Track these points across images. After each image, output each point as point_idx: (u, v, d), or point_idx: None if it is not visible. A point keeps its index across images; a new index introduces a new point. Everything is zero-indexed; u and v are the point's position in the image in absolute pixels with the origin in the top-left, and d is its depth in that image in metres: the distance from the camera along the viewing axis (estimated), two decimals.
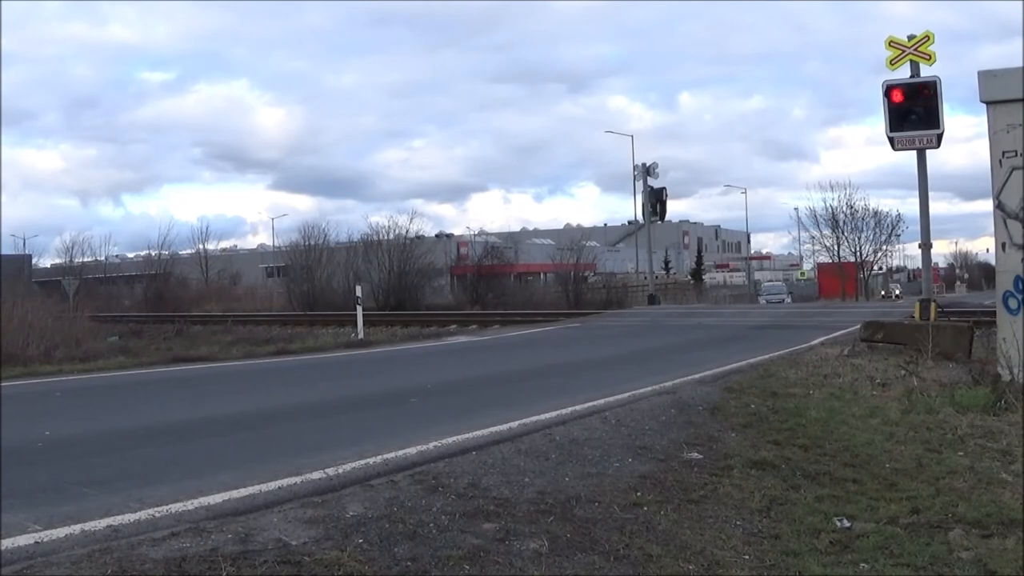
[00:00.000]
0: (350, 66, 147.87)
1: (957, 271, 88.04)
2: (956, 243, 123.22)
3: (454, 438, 5.89)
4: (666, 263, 67.98)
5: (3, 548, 3.56)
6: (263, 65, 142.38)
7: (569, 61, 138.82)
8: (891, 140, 11.91)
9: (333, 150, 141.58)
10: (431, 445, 5.66)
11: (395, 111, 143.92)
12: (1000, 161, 7.95)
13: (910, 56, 11.78)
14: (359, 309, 18.87)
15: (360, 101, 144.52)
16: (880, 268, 52.02)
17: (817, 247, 47.91)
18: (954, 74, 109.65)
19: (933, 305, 12.02)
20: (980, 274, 78.39)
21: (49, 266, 54.76)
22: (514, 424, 6.41)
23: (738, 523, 4.19)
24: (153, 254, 49.50)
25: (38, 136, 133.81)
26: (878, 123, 43.90)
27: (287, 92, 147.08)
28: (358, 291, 20.15)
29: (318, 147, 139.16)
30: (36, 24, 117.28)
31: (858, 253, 44.93)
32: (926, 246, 13.11)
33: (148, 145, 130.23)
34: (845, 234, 44.66)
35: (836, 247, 45.57)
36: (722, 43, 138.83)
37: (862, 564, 3.69)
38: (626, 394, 7.76)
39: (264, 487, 4.61)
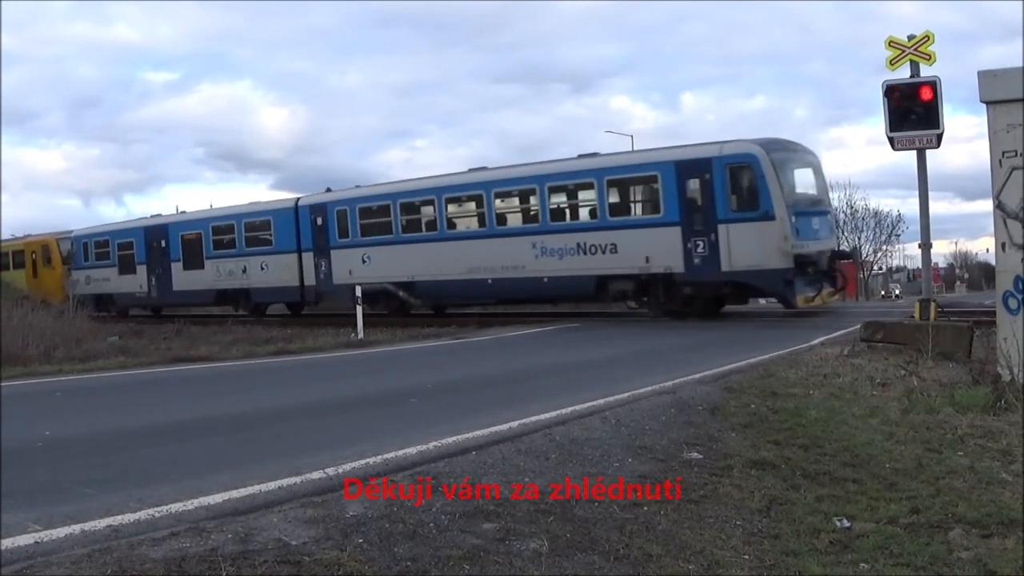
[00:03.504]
0: (354, 66, 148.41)
1: (957, 271, 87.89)
2: (956, 243, 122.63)
3: (454, 438, 5.90)
4: None
5: (3, 548, 3.56)
6: (267, 65, 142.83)
7: (573, 61, 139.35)
8: (891, 140, 11.89)
9: (336, 150, 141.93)
10: (431, 445, 5.66)
11: (398, 111, 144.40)
12: (1000, 161, 7.94)
13: (910, 56, 11.76)
14: (359, 309, 18.84)
15: (363, 101, 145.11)
16: (880, 268, 52.05)
17: None
18: (954, 74, 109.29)
19: (933, 305, 11.99)
20: (980, 274, 78.24)
21: None
22: (514, 424, 6.41)
23: (738, 523, 4.19)
24: None
25: (41, 136, 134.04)
26: (879, 123, 43.89)
27: (290, 92, 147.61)
28: (358, 291, 20.11)
29: (321, 147, 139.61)
30: (40, 24, 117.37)
31: (858, 253, 44.95)
32: (926, 246, 13.09)
33: (150, 145, 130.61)
34: (845, 234, 44.77)
35: (836, 247, 45.55)
36: (725, 43, 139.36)
37: (862, 564, 3.69)
38: (626, 394, 7.75)
39: (264, 487, 4.61)
